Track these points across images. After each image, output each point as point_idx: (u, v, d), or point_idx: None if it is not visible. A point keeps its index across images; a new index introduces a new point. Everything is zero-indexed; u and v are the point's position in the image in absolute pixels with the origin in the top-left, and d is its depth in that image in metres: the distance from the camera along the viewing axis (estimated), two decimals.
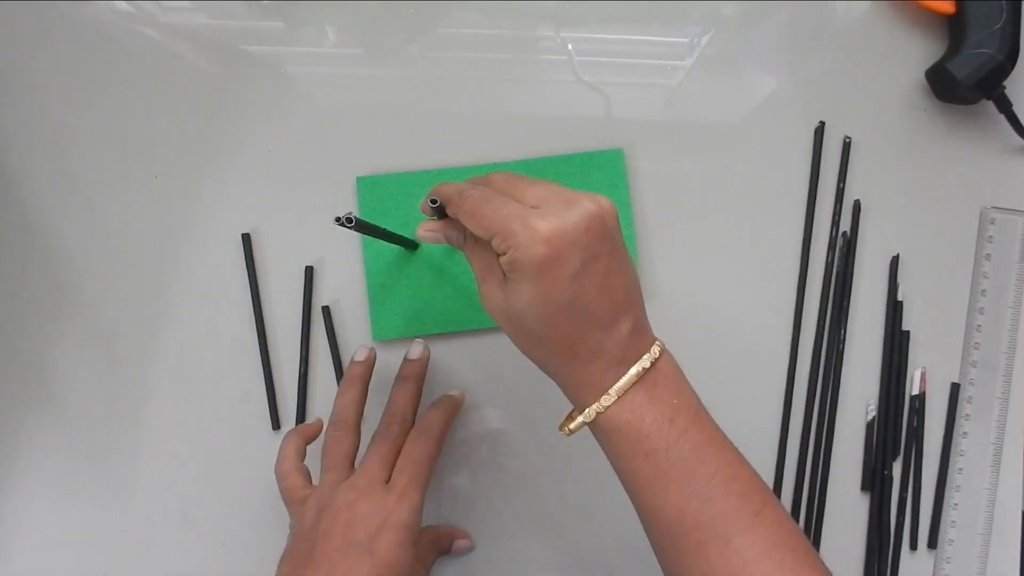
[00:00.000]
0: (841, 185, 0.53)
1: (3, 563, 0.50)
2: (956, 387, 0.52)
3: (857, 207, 0.53)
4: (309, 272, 0.52)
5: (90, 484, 0.51)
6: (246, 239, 0.52)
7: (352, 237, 0.52)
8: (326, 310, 0.52)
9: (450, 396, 0.49)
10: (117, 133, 0.53)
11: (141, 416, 0.51)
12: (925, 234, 0.53)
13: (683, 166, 0.53)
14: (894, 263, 0.53)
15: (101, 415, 0.51)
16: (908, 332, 0.52)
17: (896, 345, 0.52)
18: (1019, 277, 0.52)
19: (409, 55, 0.54)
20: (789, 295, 0.53)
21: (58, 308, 0.52)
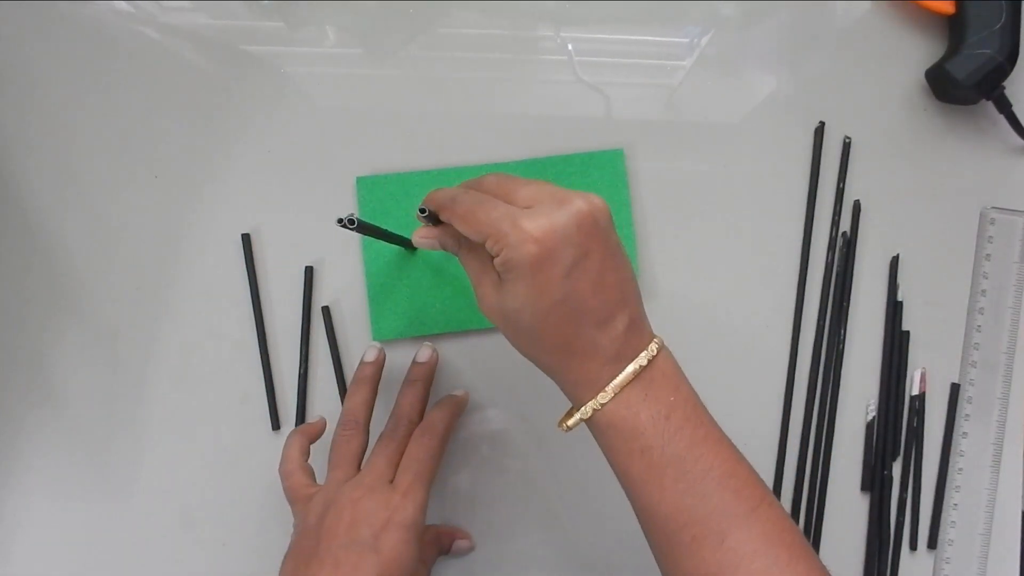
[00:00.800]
0: (841, 185, 0.53)
1: (3, 563, 0.50)
2: (956, 387, 0.52)
3: (857, 207, 0.53)
4: (309, 272, 0.52)
5: (90, 484, 0.51)
6: (246, 239, 0.52)
7: (352, 237, 0.52)
8: (326, 310, 0.52)
9: (454, 396, 0.49)
10: (117, 133, 0.53)
11: (141, 416, 0.51)
12: (925, 234, 0.53)
13: (683, 166, 0.53)
14: (894, 263, 0.53)
15: (101, 415, 0.51)
16: (908, 332, 0.52)
17: (896, 345, 0.52)
18: (1019, 277, 0.52)
19: (409, 55, 0.54)
20: (789, 295, 0.53)
21: (58, 308, 0.52)
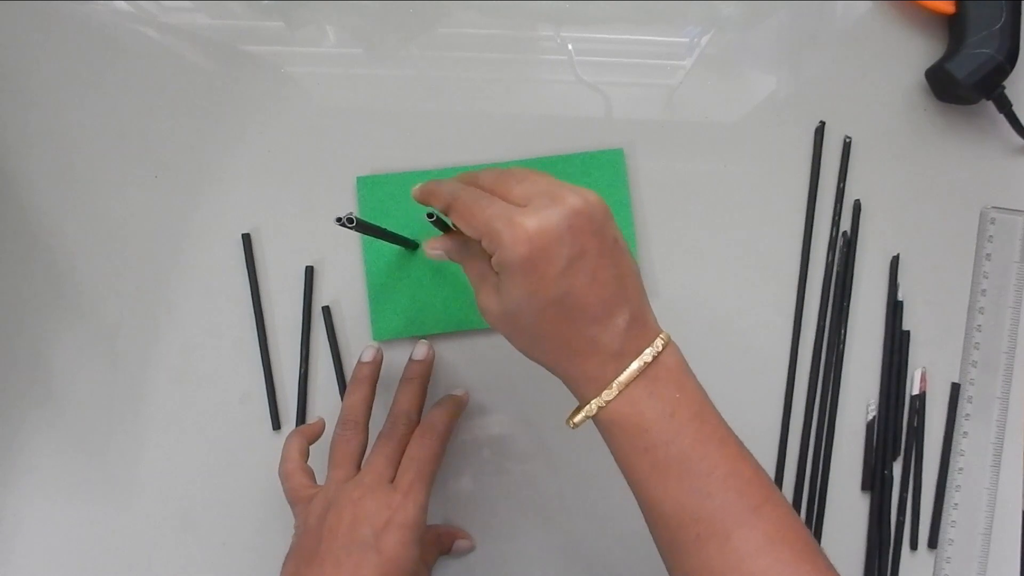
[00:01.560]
0: (841, 185, 0.53)
1: (3, 563, 0.50)
2: (956, 387, 0.52)
3: (857, 207, 0.53)
4: (309, 272, 0.52)
5: (90, 484, 0.51)
6: (246, 239, 0.52)
7: (352, 237, 0.52)
8: (326, 310, 0.52)
9: (454, 395, 0.49)
10: (117, 133, 0.53)
11: (141, 416, 0.51)
12: (925, 234, 0.53)
13: (683, 166, 0.53)
14: (894, 263, 0.53)
15: (101, 415, 0.51)
16: (908, 332, 0.52)
17: (896, 345, 0.52)
18: (1019, 277, 0.52)
19: (409, 55, 0.54)
20: (789, 295, 0.53)
21: (58, 308, 0.52)
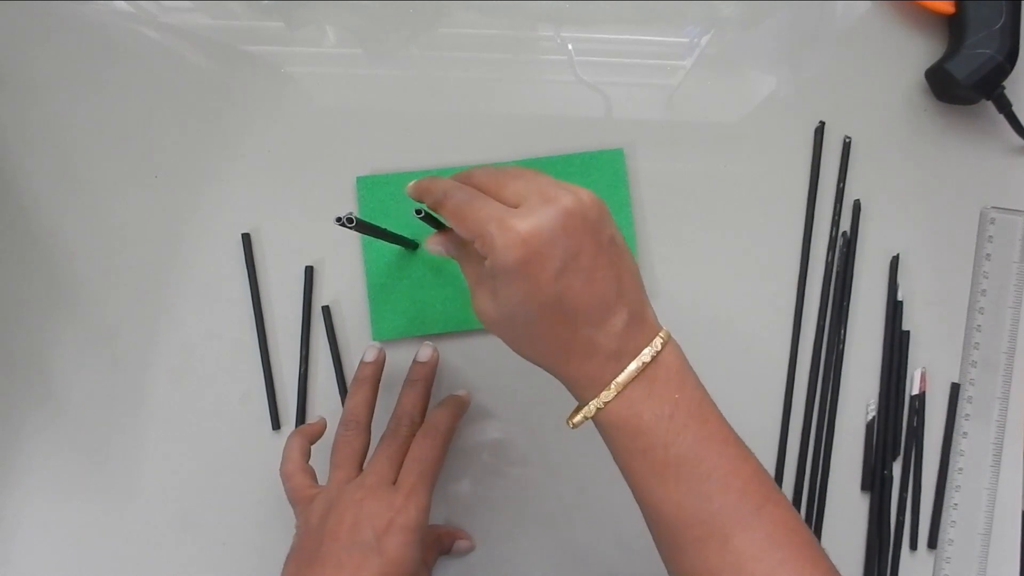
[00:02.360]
0: (841, 185, 0.53)
1: (3, 563, 0.50)
2: (956, 387, 0.52)
3: (857, 207, 0.53)
4: (309, 272, 0.52)
5: (90, 484, 0.51)
6: (246, 239, 0.52)
7: (352, 237, 0.52)
8: (326, 310, 0.52)
9: (456, 396, 0.49)
10: (117, 133, 0.53)
11: (141, 416, 0.51)
12: (925, 234, 0.53)
13: (683, 166, 0.53)
14: (894, 263, 0.53)
15: (101, 415, 0.51)
16: (908, 332, 0.52)
17: (896, 345, 0.52)
18: (1019, 277, 0.52)
19: (409, 55, 0.54)
20: (789, 295, 0.53)
21: (58, 308, 0.52)
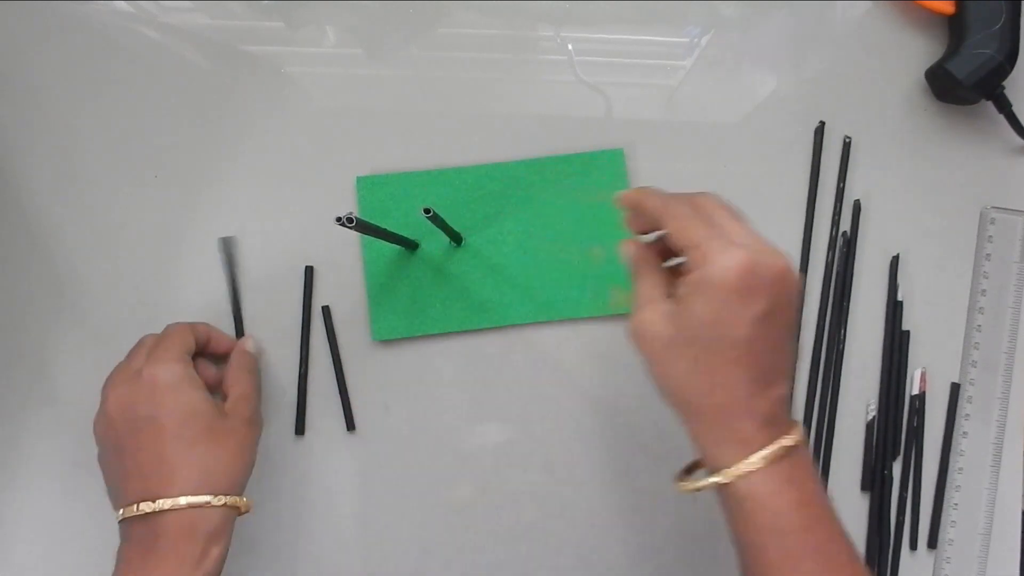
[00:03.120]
0: (841, 185, 0.53)
1: (3, 563, 0.50)
2: (956, 387, 0.52)
3: (857, 207, 0.53)
4: (309, 272, 0.52)
5: (90, 484, 0.51)
6: (227, 242, 0.52)
7: (352, 237, 0.52)
8: (326, 310, 0.52)
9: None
10: (117, 133, 0.53)
11: None
12: (925, 234, 0.53)
13: (683, 166, 0.53)
14: (894, 263, 0.53)
15: None
16: (908, 332, 0.52)
17: (896, 345, 0.52)
18: (1019, 277, 0.52)
19: (409, 55, 0.54)
20: None
21: (58, 308, 0.52)
